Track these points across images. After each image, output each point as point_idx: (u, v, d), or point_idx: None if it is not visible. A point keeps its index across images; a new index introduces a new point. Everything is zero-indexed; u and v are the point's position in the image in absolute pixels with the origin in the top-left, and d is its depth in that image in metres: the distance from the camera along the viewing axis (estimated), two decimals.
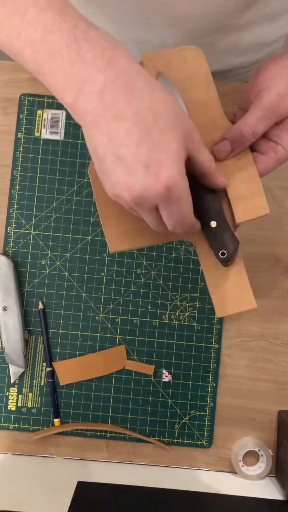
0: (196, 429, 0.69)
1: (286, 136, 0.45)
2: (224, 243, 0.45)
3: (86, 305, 0.70)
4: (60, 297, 0.69)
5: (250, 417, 0.70)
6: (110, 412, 0.69)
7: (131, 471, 0.68)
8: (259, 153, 0.47)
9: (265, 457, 0.68)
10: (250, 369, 0.70)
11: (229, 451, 0.69)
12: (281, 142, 0.45)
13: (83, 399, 0.69)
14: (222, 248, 0.45)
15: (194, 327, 0.69)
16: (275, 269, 0.70)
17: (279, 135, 0.45)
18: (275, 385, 0.70)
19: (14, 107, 0.70)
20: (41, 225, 0.70)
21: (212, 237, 0.46)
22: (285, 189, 0.71)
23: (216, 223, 0.45)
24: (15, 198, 0.70)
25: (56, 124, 0.70)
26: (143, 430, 0.69)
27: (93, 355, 0.69)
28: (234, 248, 0.46)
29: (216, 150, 0.46)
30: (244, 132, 0.44)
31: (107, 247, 0.49)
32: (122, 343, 0.69)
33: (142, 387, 0.69)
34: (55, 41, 0.36)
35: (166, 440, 0.69)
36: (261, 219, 0.70)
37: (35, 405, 0.69)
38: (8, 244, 0.70)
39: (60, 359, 0.69)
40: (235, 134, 0.44)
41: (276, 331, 0.70)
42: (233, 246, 0.46)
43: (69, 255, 0.70)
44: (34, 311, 0.69)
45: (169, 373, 0.69)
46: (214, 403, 0.69)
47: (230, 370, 0.70)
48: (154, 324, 0.70)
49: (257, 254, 0.70)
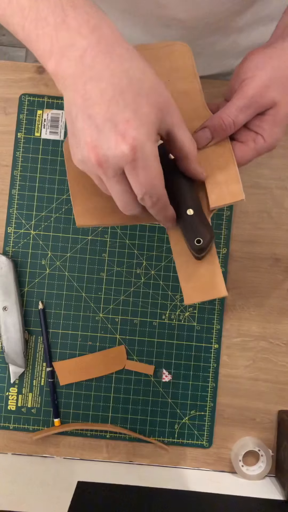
0: (196, 429, 0.69)
1: (267, 127, 0.45)
2: (200, 231, 0.45)
3: (86, 305, 0.70)
4: (60, 297, 0.69)
5: (250, 417, 0.70)
6: (110, 412, 0.69)
7: (131, 471, 0.68)
8: (238, 142, 0.46)
9: (265, 457, 0.68)
10: (250, 369, 0.70)
11: (229, 451, 0.69)
12: (261, 133, 0.45)
13: (83, 399, 0.69)
14: (198, 236, 0.45)
15: (194, 327, 0.69)
16: (275, 269, 0.70)
17: (260, 125, 0.45)
18: (275, 385, 0.70)
19: (14, 107, 0.70)
20: (41, 225, 0.70)
21: (189, 225, 0.45)
22: (285, 189, 0.71)
23: (193, 211, 0.45)
24: (15, 198, 0.70)
25: (56, 124, 0.70)
26: (143, 430, 0.69)
27: (93, 355, 0.69)
28: (210, 237, 0.45)
29: (196, 137, 0.45)
30: (225, 121, 0.44)
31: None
32: (122, 343, 0.69)
33: (142, 387, 0.69)
34: (42, 8, 0.37)
35: (166, 440, 0.69)
36: (261, 219, 0.70)
37: (35, 405, 0.69)
38: (8, 244, 0.70)
39: (60, 359, 0.69)
40: (216, 122, 0.44)
41: (276, 331, 0.70)
42: (209, 235, 0.45)
43: (69, 255, 0.70)
44: (34, 311, 0.69)
45: (169, 373, 0.69)
46: (214, 403, 0.69)
47: (230, 370, 0.70)
48: (154, 324, 0.70)
49: (257, 254, 0.70)
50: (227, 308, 0.70)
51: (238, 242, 0.70)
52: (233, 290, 0.70)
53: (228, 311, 0.70)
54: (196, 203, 0.45)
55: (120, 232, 0.70)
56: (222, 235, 0.70)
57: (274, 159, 0.71)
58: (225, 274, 0.70)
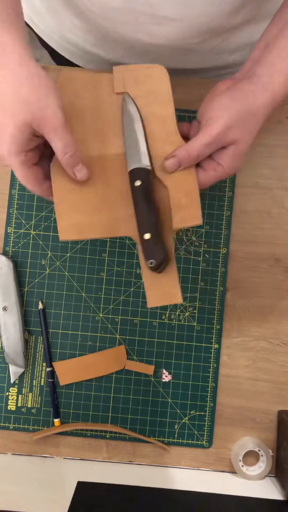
0: (196, 429, 0.69)
1: (227, 160, 0.52)
2: (153, 254, 0.52)
3: (86, 305, 0.70)
4: (60, 297, 0.70)
5: (250, 417, 0.70)
6: (110, 412, 0.69)
7: (131, 471, 0.68)
8: (201, 168, 0.54)
9: (265, 457, 0.68)
10: (250, 369, 0.70)
11: (229, 451, 0.69)
12: (222, 163, 0.53)
13: (83, 399, 0.69)
14: (151, 258, 0.52)
15: (194, 327, 0.69)
16: (275, 269, 0.70)
17: (222, 157, 0.53)
18: (275, 385, 0.70)
19: None
20: (41, 225, 0.70)
21: (145, 247, 0.52)
22: (285, 189, 0.71)
23: (150, 235, 0.52)
24: (15, 198, 0.70)
25: None
26: (143, 430, 0.69)
27: (93, 355, 0.69)
28: (162, 258, 0.52)
29: (166, 164, 0.53)
30: (191, 154, 0.51)
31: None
32: (122, 343, 0.69)
33: (142, 387, 0.69)
34: None
35: (166, 440, 0.69)
36: (261, 219, 0.70)
37: (35, 405, 0.69)
38: (8, 244, 0.70)
39: (60, 359, 0.69)
40: (184, 154, 0.52)
41: (276, 331, 0.70)
42: (162, 256, 0.52)
43: (69, 255, 0.70)
44: (34, 311, 0.69)
45: (169, 373, 0.69)
46: (214, 403, 0.69)
47: (230, 370, 0.70)
48: (154, 324, 0.70)
49: (257, 254, 0.70)
50: (227, 308, 0.70)
51: (238, 242, 0.70)
52: (233, 290, 0.70)
53: (228, 311, 0.70)
54: (154, 227, 0.52)
55: None
56: (222, 235, 0.70)
57: (274, 159, 0.71)
58: (225, 274, 0.70)
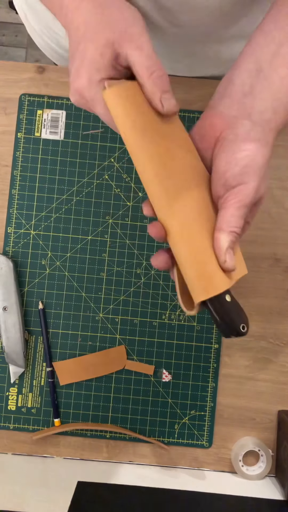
0: (196, 429, 0.69)
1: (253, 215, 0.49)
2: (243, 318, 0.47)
3: (86, 305, 0.70)
4: (60, 297, 0.70)
5: (250, 417, 0.70)
6: (110, 412, 0.69)
7: (131, 471, 0.68)
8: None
9: (265, 457, 0.68)
10: (250, 369, 0.70)
11: (229, 451, 0.69)
12: (249, 220, 0.49)
13: (83, 399, 0.69)
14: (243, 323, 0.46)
15: (194, 327, 0.69)
16: (275, 269, 0.70)
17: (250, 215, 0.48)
18: (275, 385, 0.70)
19: (14, 107, 0.70)
20: (41, 225, 0.70)
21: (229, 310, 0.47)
22: (285, 189, 0.71)
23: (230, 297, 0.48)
24: (15, 198, 0.70)
25: (56, 124, 0.70)
26: (143, 430, 0.69)
27: (93, 355, 0.69)
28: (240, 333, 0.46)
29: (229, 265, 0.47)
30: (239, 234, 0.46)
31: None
32: (122, 343, 0.69)
33: (142, 387, 0.69)
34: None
35: (166, 440, 0.69)
36: (261, 219, 0.70)
37: (35, 405, 0.69)
38: (8, 244, 0.70)
39: (60, 359, 0.69)
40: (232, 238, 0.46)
41: (276, 331, 0.70)
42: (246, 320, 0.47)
43: (69, 255, 0.70)
44: (34, 311, 0.69)
45: (169, 373, 0.69)
46: (214, 403, 0.69)
47: (230, 370, 0.70)
48: (154, 324, 0.70)
49: (257, 254, 0.70)
50: None
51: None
52: (233, 290, 0.70)
53: None
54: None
55: (120, 232, 0.70)
56: None
57: (274, 159, 0.71)
58: None
